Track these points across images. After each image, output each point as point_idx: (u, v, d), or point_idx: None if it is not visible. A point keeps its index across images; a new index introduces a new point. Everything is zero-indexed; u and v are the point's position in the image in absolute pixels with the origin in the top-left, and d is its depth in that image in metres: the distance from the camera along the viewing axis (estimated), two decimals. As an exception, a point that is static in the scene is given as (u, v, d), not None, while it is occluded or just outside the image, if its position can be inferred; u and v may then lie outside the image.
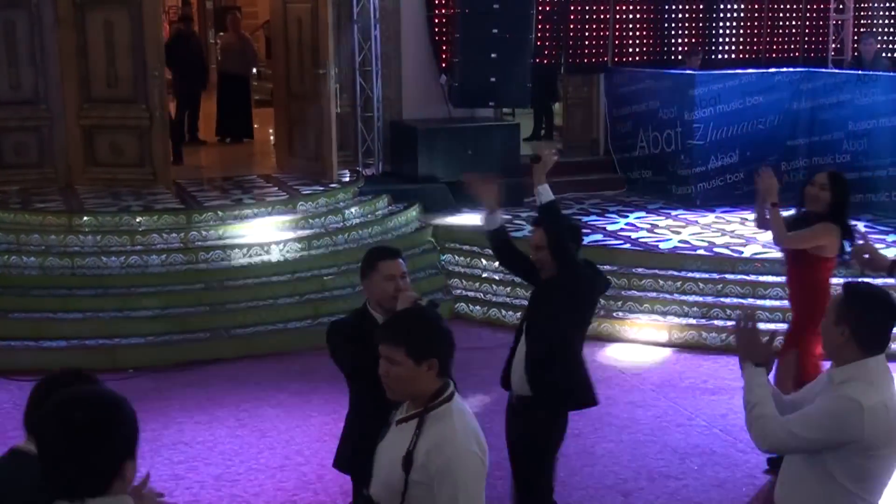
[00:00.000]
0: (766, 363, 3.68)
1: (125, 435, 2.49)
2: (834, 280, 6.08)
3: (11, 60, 10.67)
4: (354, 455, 4.30)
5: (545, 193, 4.84)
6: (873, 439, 3.41)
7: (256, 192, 10.74)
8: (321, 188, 10.71)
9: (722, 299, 8.88)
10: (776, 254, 9.42)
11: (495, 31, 11.29)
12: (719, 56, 13.45)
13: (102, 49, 10.65)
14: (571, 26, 12.72)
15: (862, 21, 14.03)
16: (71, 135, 10.87)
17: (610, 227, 10.52)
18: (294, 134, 11.60)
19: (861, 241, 5.33)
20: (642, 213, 11.21)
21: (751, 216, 10.93)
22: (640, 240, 10.00)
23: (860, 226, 5.71)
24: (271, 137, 14.01)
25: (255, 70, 16.15)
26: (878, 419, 3.42)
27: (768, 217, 6.05)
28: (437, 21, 12.08)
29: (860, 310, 3.50)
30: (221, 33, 16.88)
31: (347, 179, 11.22)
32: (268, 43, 17.39)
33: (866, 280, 3.99)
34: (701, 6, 13.30)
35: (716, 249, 9.59)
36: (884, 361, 3.55)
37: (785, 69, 12.39)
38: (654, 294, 9.04)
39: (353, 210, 10.40)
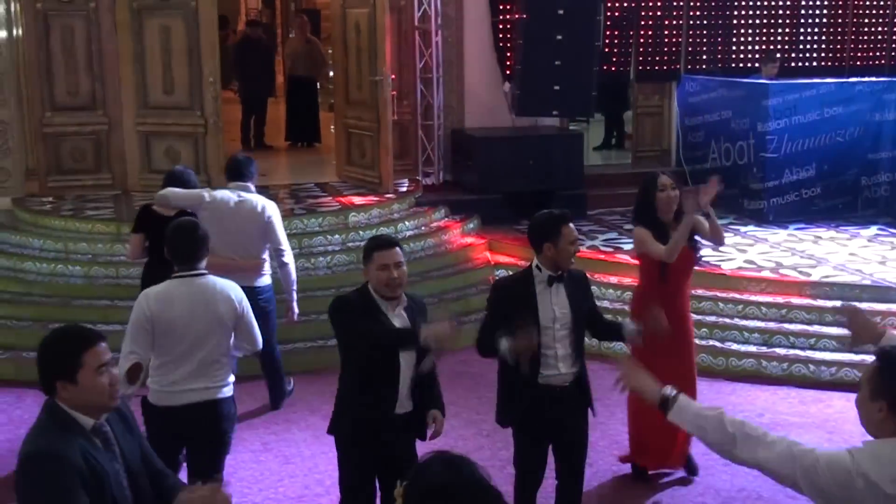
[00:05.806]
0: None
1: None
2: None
3: (69, 66, 10.68)
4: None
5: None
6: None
7: (310, 201, 10.53)
8: (375, 198, 10.44)
9: (785, 325, 8.34)
10: (848, 277, 8.87)
11: (560, 37, 10.87)
12: (799, 63, 12.78)
13: (159, 55, 10.60)
14: (642, 32, 12.24)
15: (954, 27, 13.25)
16: (128, 141, 10.84)
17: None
18: (352, 142, 11.36)
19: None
20: (710, 229, 10.64)
21: (825, 233, 10.44)
22: (703, 259, 9.45)
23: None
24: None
25: (331, 73, 15.97)
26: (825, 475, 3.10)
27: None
28: (501, 27, 11.71)
29: None
30: (290, 36, 16.77)
31: (406, 189, 10.94)
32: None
33: None
34: (779, 11, 12.68)
35: (782, 271, 9.04)
36: None
37: (867, 79, 11.69)
38: (712, 318, 8.51)
39: (406, 223, 10.11)
